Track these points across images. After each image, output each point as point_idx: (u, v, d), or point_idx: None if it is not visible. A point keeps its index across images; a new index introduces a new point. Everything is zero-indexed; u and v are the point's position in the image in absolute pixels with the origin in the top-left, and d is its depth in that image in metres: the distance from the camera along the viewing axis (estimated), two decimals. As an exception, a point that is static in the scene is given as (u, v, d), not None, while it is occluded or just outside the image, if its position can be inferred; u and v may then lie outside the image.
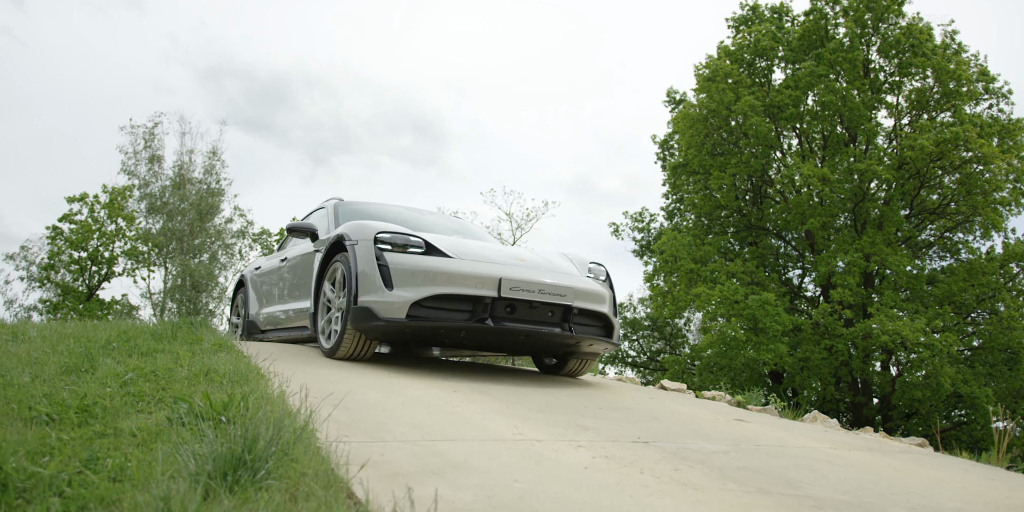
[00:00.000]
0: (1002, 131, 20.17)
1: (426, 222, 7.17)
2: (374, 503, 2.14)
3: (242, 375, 3.78)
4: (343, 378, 4.47)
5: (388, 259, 5.05)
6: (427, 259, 5.07)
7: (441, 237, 5.63)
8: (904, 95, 21.30)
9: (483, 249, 5.51)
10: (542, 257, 5.87)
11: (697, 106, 22.09)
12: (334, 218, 6.71)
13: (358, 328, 5.04)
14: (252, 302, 8.10)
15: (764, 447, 3.88)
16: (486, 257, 5.29)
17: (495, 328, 4.90)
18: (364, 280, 5.05)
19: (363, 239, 5.23)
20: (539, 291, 5.08)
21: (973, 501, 3.12)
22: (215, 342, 4.99)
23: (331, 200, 7.36)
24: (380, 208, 7.24)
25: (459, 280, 4.92)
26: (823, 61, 20.73)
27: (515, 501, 2.37)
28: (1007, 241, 20.73)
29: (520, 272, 5.16)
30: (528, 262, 5.50)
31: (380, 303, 4.91)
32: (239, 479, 2.19)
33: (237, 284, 8.88)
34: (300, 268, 6.66)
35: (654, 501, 2.55)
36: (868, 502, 2.88)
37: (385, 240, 5.19)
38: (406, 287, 4.92)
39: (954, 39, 21.01)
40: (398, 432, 3.17)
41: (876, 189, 20.96)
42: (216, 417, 2.78)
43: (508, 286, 4.98)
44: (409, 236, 5.27)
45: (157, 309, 29.13)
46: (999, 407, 7.40)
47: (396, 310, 4.85)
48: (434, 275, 4.93)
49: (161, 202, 29.46)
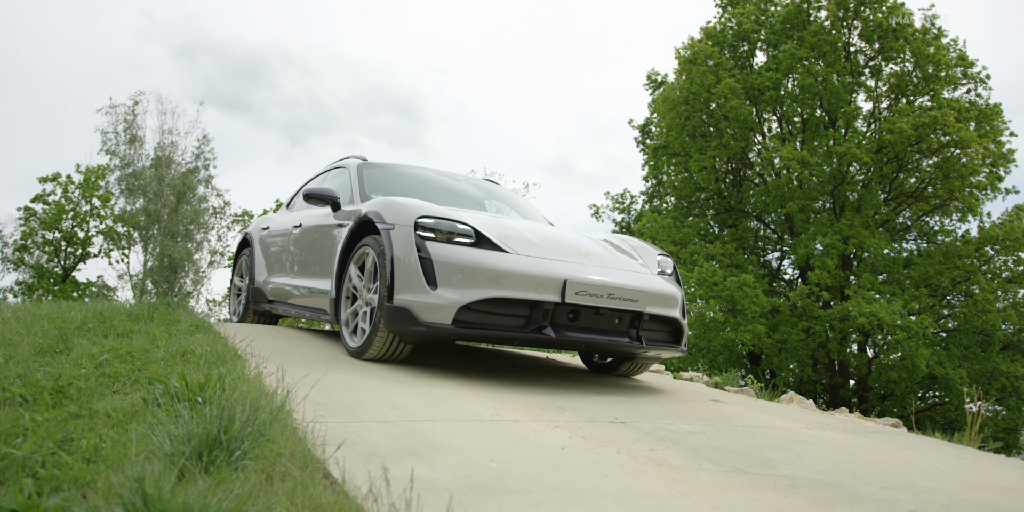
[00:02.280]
0: (979, 116, 20.31)
1: (463, 192, 6.38)
2: (350, 483, 2.14)
3: (219, 356, 3.77)
4: (321, 359, 4.46)
5: (432, 251, 4.27)
6: (478, 254, 4.29)
7: (490, 221, 4.84)
8: (884, 79, 21.38)
9: (541, 239, 4.74)
10: (607, 249, 5.11)
11: (678, 88, 22.10)
12: (358, 184, 5.82)
13: (393, 330, 4.31)
14: (259, 267, 7.11)
15: (740, 427, 3.91)
16: (546, 251, 4.54)
17: (555, 339, 4.22)
18: (401, 274, 4.29)
19: (401, 224, 4.44)
20: (608, 296, 4.35)
21: (945, 480, 3.16)
22: (192, 323, 4.96)
23: (351, 159, 6.46)
24: (409, 173, 6.41)
25: (517, 282, 4.16)
26: (804, 44, 20.77)
27: (492, 481, 2.38)
28: (982, 225, 20.96)
29: (587, 272, 4.40)
30: (594, 257, 4.75)
31: (421, 304, 4.16)
32: (215, 460, 2.19)
33: (241, 243, 7.85)
34: (318, 240, 5.79)
35: (630, 480, 2.57)
36: (841, 481, 2.91)
37: (428, 226, 4.40)
38: (453, 287, 4.16)
39: (934, 23, 21.07)
40: (375, 412, 3.17)
41: (855, 172, 21.07)
42: (192, 398, 2.77)
43: (574, 290, 4.24)
44: (456, 223, 4.46)
45: (136, 290, 28.94)
46: (973, 388, 7.50)
47: (440, 314, 4.11)
48: (487, 274, 4.16)
49: (141, 182, 29.18)
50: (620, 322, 4.51)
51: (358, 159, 6.34)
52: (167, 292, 28.34)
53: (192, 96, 53.75)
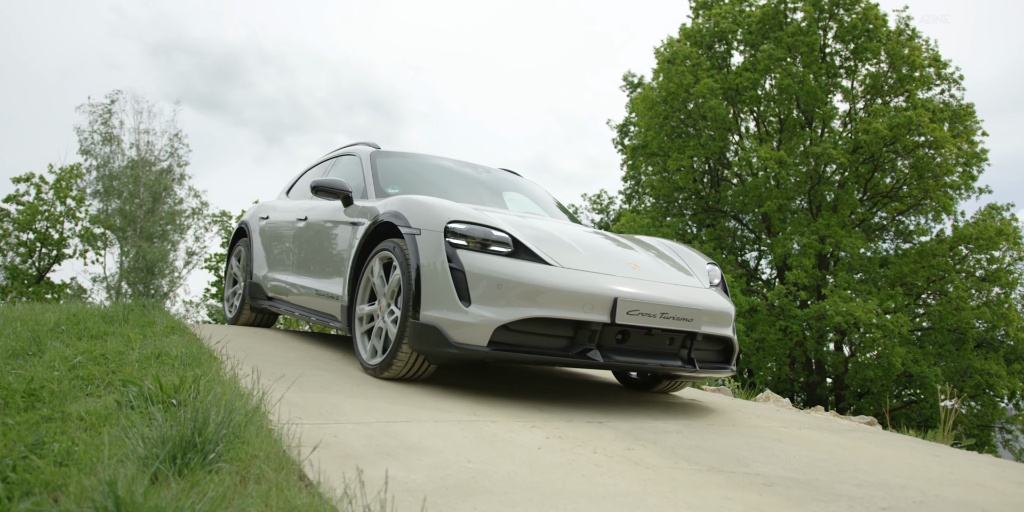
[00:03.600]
0: (953, 116, 20.54)
1: (486, 186, 5.85)
2: (325, 484, 2.14)
3: (194, 358, 3.74)
4: (297, 360, 4.44)
5: (464, 261, 3.79)
6: (518, 266, 3.79)
7: (525, 225, 4.34)
8: (859, 80, 21.58)
9: (583, 247, 4.25)
10: (655, 259, 4.62)
11: (656, 88, 22.18)
12: (372, 176, 5.28)
13: (419, 350, 3.84)
14: (258, 260, 6.51)
15: (716, 426, 3.93)
16: (591, 262, 4.05)
17: (602, 364, 3.76)
18: (430, 287, 3.81)
19: (428, 229, 3.94)
20: (661, 315, 3.87)
21: (917, 477, 3.19)
22: (168, 324, 4.92)
23: (361, 146, 5.92)
24: (427, 163, 5.85)
25: (562, 299, 3.69)
26: (781, 45, 20.92)
27: (467, 481, 2.38)
28: (956, 224, 21.20)
29: (639, 288, 3.91)
30: (643, 269, 4.26)
31: (452, 322, 3.70)
32: (189, 462, 2.17)
33: (237, 232, 7.27)
34: (327, 237, 5.26)
35: (606, 480, 2.58)
36: (816, 479, 2.94)
37: (459, 233, 3.89)
38: (489, 304, 3.69)
39: (908, 25, 21.28)
40: (352, 414, 3.16)
41: (831, 172, 21.24)
42: (167, 400, 2.75)
43: (625, 309, 3.76)
44: (491, 229, 3.95)
45: (112, 292, 28.67)
46: (946, 386, 7.58)
47: (475, 334, 3.65)
48: (528, 290, 3.68)
49: (118, 183, 28.92)
50: (671, 343, 4.05)
51: (370, 146, 5.81)
52: (143, 294, 28.10)
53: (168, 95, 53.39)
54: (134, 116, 30.71)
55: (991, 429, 20.24)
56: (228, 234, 30.39)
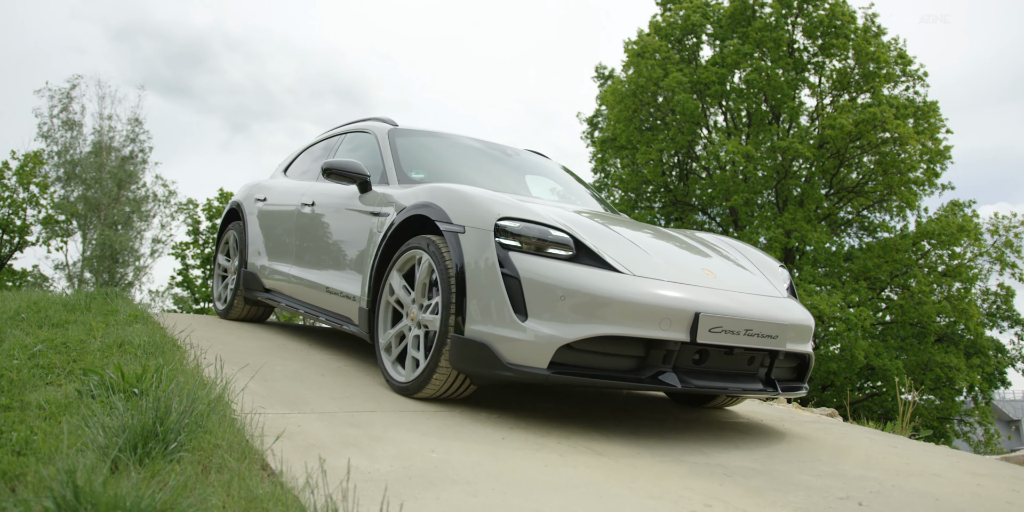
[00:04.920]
0: (917, 113, 20.83)
1: (519, 171, 5.31)
2: (288, 474, 2.13)
3: (157, 347, 3.71)
4: (262, 350, 4.42)
5: (519, 267, 3.20)
6: (584, 274, 3.20)
7: (584, 223, 3.74)
8: (826, 75, 21.80)
9: (651, 250, 3.69)
10: (728, 263, 4.06)
11: (626, 81, 22.26)
12: (393, 159, 4.67)
13: (463, 370, 3.29)
14: (254, 247, 5.79)
15: (680, 418, 3.97)
16: (663, 269, 3.48)
17: (680, 390, 3.23)
18: (478, 296, 3.25)
19: (474, 226, 3.38)
20: (745, 332, 3.32)
21: (875, 468, 3.25)
22: (131, 313, 4.87)
23: (375, 122, 5.26)
24: (453, 144, 5.24)
25: (637, 314, 3.12)
26: (749, 40, 21.07)
27: (431, 471, 2.39)
28: (919, 220, 21.52)
29: (721, 301, 3.36)
30: (719, 277, 3.69)
31: (506, 340, 3.13)
32: (150, 452, 2.16)
33: (229, 213, 6.45)
34: (341, 228, 4.63)
35: (568, 470, 2.60)
36: (775, 469, 2.98)
37: (512, 232, 3.30)
38: (550, 318, 3.11)
39: (874, 22, 21.51)
40: (316, 403, 3.16)
41: (798, 167, 21.46)
42: (128, 389, 2.72)
43: (708, 326, 3.20)
44: (549, 228, 3.36)
45: (74, 280, 28.27)
46: (906, 379, 7.71)
47: (533, 354, 3.08)
48: (596, 303, 3.10)
49: (80, 169, 28.47)
50: (751, 363, 3.51)
51: (385, 123, 5.17)
52: (107, 282, 27.74)
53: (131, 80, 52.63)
54: (97, 101, 30.28)
55: (950, 421, 20.63)
56: (194, 223, 30.05)
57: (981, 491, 3.02)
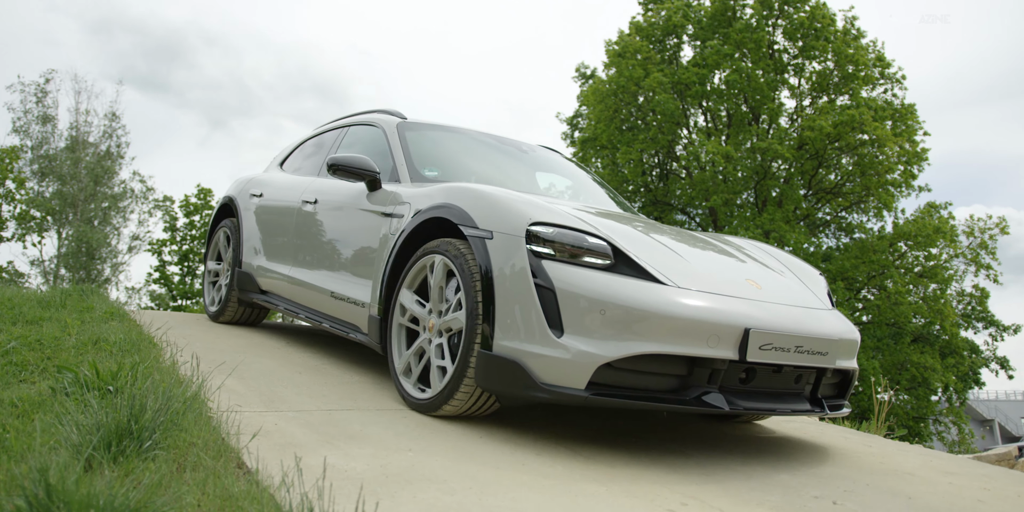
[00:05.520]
0: (895, 115, 21.02)
1: (535, 169, 5.04)
2: (264, 473, 2.13)
3: (133, 344, 3.68)
4: (238, 347, 4.40)
5: (554, 277, 2.92)
6: (624, 285, 2.93)
7: (619, 229, 3.42)
8: (806, 77, 21.95)
9: (692, 258, 3.43)
10: (770, 272, 3.78)
11: (607, 81, 22.32)
12: (403, 155, 4.34)
13: (491, 390, 3.00)
14: (250, 246, 5.40)
15: (657, 421, 3.99)
16: (707, 280, 3.21)
17: (727, 412, 2.93)
18: (508, 309, 2.96)
19: (503, 231, 3.09)
20: (795, 349, 3.07)
21: (849, 466, 3.28)
22: (107, 310, 4.83)
23: (381, 114, 4.94)
24: (467, 139, 4.92)
25: (683, 331, 2.85)
26: (730, 41, 21.17)
27: (407, 469, 2.39)
28: (896, 221, 21.72)
29: (770, 315, 3.11)
30: (765, 288, 3.42)
31: (540, 358, 2.85)
32: (124, 450, 2.14)
33: (221, 209, 6.01)
34: (348, 229, 4.29)
35: (545, 469, 2.61)
36: (752, 468, 3.00)
37: (545, 238, 3.02)
38: (588, 334, 2.83)
39: (854, 24, 21.68)
40: (293, 402, 3.15)
41: (777, 168, 21.60)
42: (103, 387, 2.70)
43: (758, 342, 2.95)
44: (585, 234, 3.08)
45: (49, 276, 27.98)
46: (882, 379, 7.80)
47: (571, 374, 2.80)
48: (640, 317, 2.83)
49: (55, 164, 28.17)
50: (798, 381, 3.25)
51: (393, 116, 4.85)
52: (83, 279, 27.47)
53: (108, 74, 52.08)
54: (72, 96, 29.97)
55: (925, 421, 20.84)
56: (172, 219, 29.75)
57: (953, 490, 3.05)
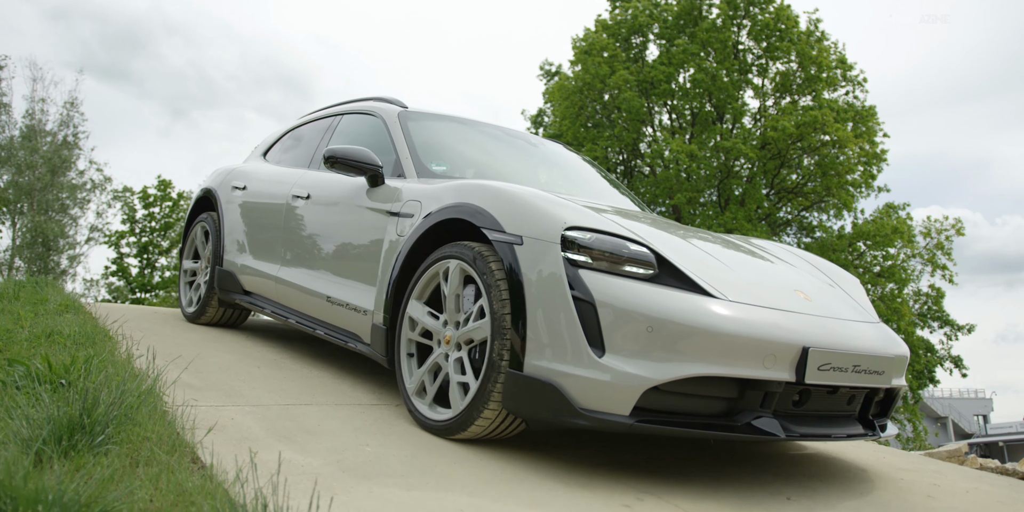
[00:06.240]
0: (856, 117, 21.30)
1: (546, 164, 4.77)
2: (219, 468, 2.11)
3: (88, 337, 3.62)
4: (196, 341, 4.35)
5: (594, 289, 2.61)
6: (671, 298, 2.63)
7: (659, 235, 3.15)
8: (770, 78, 22.17)
9: (735, 266, 3.16)
10: (813, 279, 3.52)
11: (573, 78, 22.37)
12: (408, 147, 3.99)
13: (521, 415, 2.70)
14: (231, 242, 4.99)
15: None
16: (757, 292, 2.92)
17: (781, 438, 2.65)
18: (541, 324, 2.65)
19: (534, 236, 2.78)
20: (853, 368, 2.80)
21: (804, 463, 3.34)
22: (62, 302, 4.75)
23: (378, 102, 4.56)
24: (474, 131, 4.62)
25: (738, 350, 2.57)
26: (696, 40, 21.32)
27: (364, 465, 2.38)
28: (856, 221, 22.02)
29: (828, 331, 2.84)
30: (815, 299, 3.14)
31: (579, 380, 2.54)
32: (76, 444, 2.11)
33: (199, 202, 5.59)
34: (345, 227, 3.94)
35: (502, 464, 2.62)
36: (707, 464, 3.04)
37: (582, 244, 2.71)
38: (632, 354, 2.53)
39: (817, 27, 21.94)
40: (251, 396, 3.12)
41: (740, 167, 21.80)
42: (56, 380, 2.66)
43: (817, 362, 2.67)
44: (625, 241, 2.78)
45: (3, 268, 27.44)
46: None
47: (614, 399, 2.50)
48: (690, 335, 2.53)
49: (9, 153, 27.59)
50: (851, 403, 3.00)
51: (393, 104, 4.46)
52: (40, 270, 26.97)
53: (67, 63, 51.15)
54: (29, 83, 29.38)
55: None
56: (131, 210, 29.26)
57: (903, 486, 3.12)
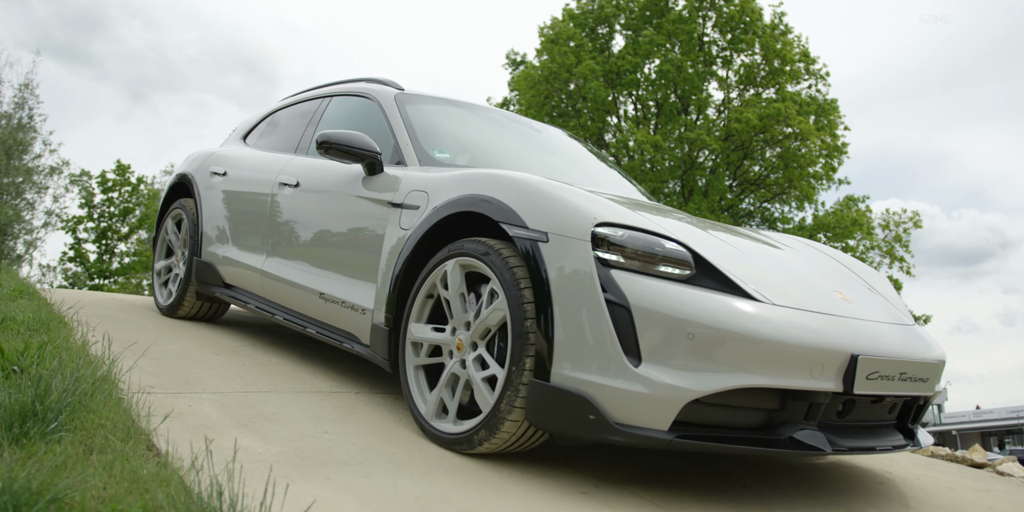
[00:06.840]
0: (818, 110, 21.55)
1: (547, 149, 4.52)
2: (174, 455, 2.09)
3: (42, 323, 3.57)
4: (153, 327, 4.30)
5: (628, 292, 2.37)
6: (711, 301, 2.40)
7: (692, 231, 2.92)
8: (734, 70, 22.33)
9: (773, 265, 2.99)
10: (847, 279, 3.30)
11: (539, 67, 22.36)
12: (407, 132, 3.70)
13: (547, 429, 2.45)
14: (210, 231, 4.64)
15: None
16: (800, 295, 2.69)
17: (827, 452, 2.47)
18: (570, 329, 2.40)
19: (562, 234, 2.51)
20: (900, 376, 2.62)
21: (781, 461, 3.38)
22: (15, 288, 4.67)
23: (371, 84, 4.27)
24: (477, 116, 4.38)
25: (787, 358, 2.36)
26: (662, 31, 21.41)
27: (322, 452, 2.38)
28: (817, 213, 22.31)
29: (874, 337, 2.65)
30: (855, 300, 2.95)
31: (613, 391, 2.31)
32: (27, 432, 2.08)
33: (174, 188, 5.20)
34: (339, 217, 3.66)
35: (462, 455, 2.62)
36: (665, 454, 3.07)
37: (614, 242, 2.47)
38: (671, 363, 2.31)
39: (782, 20, 22.12)
40: (209, 383, 3.10)
41: (704, 158, 21.96)
42: (8, 367, 2.62)
43: (866, 370, 2.47)
44: (660, 238, 2.54)
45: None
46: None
47: (652, 412, 2.29)
48: (735, 342, 2.32)
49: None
50: (891, 412, 2.83)
51: (388, 86, 4.17)
52: (-6, 255, 26.44)
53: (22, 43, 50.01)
54: (-18, 65, 28.71)
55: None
56: (89, 195, 28.77)
57: (856, 472, 3.18)
